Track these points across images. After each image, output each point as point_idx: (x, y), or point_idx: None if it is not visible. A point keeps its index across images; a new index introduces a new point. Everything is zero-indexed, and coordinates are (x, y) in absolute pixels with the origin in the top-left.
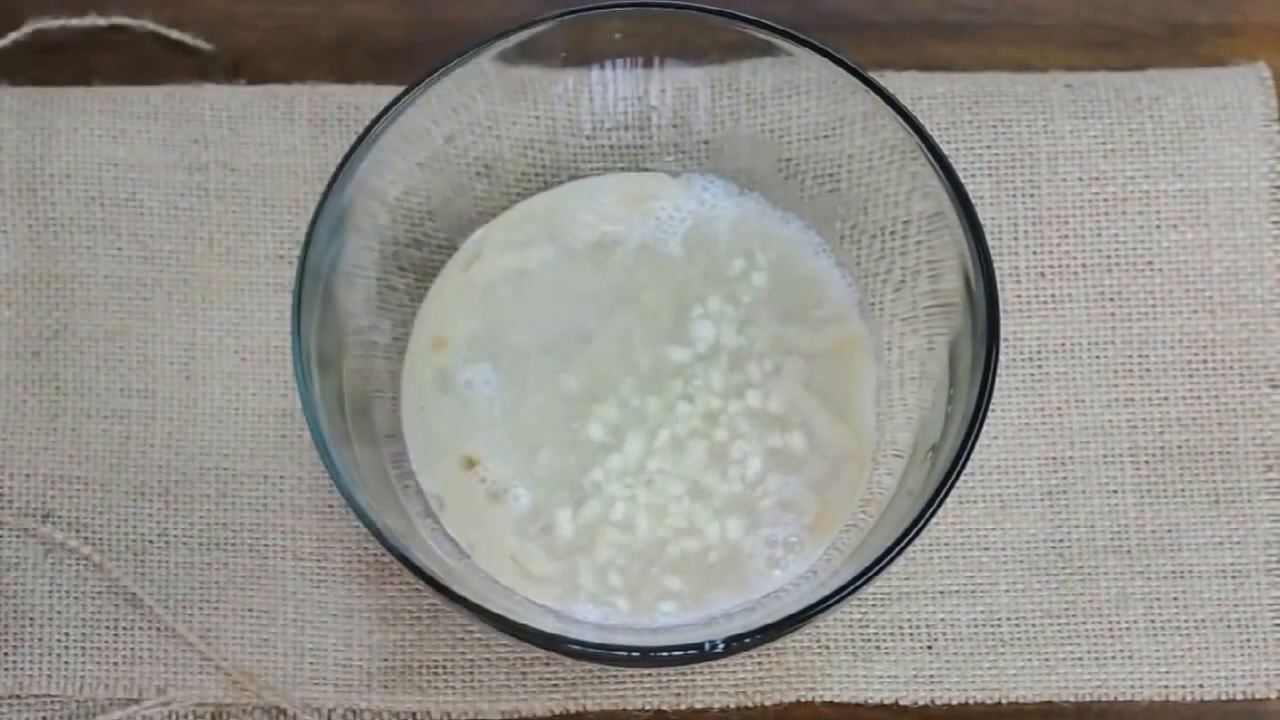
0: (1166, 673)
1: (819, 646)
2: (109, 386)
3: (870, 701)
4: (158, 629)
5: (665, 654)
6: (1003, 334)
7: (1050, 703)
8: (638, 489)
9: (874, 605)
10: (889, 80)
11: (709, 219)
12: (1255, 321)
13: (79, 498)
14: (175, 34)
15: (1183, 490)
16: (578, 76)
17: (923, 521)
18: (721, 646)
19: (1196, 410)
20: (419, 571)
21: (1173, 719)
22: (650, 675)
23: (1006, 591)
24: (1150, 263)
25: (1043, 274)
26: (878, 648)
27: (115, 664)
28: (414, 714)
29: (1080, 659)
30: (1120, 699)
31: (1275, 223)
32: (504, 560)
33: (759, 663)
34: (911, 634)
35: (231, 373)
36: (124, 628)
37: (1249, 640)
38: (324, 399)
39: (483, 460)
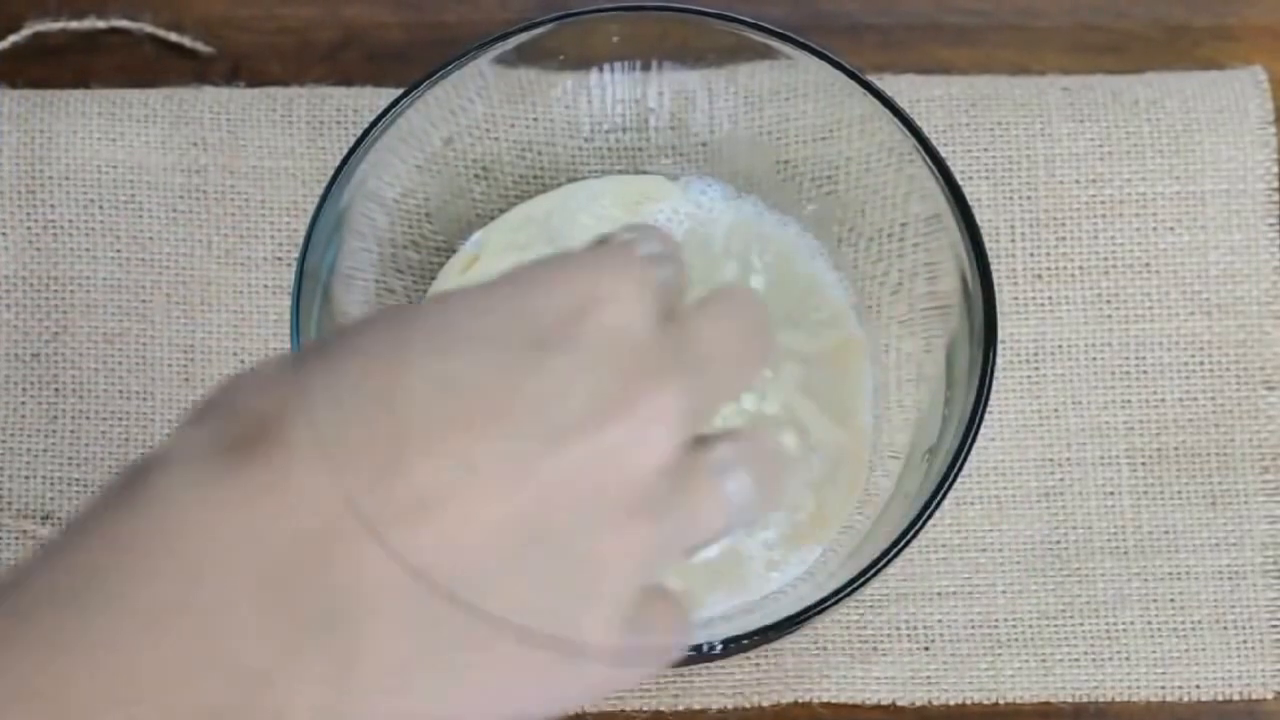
0: (1163, 673)
1: (816, 648)
2: (108, 389)
3: (868, 703)
4: None
5: None
6: (1000, 336)
7: (1047, 703)
8: None
9: (871, 606)
10: (886, 83)
11: (707, 221)
12: (1252, 323)
13: (78, 499)
14: (174, 37)
15: (1180, 492)
16: (576, 79)
17: (920, 523)
18: (719, 648)
19: (1193, 412)
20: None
21: None
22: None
23: (1004, 593)
24: (1147, 265)
25: (1040, 276)
26: (875, 649)
27: None
28: None
29: (1077, 660)
30: (1117, 700)
31: (1272, 225)
32: None
33: (756, 664)
34: (909, 635)
35: (230, 375)
36: None
37: (1245, 641)
38: None
39: None
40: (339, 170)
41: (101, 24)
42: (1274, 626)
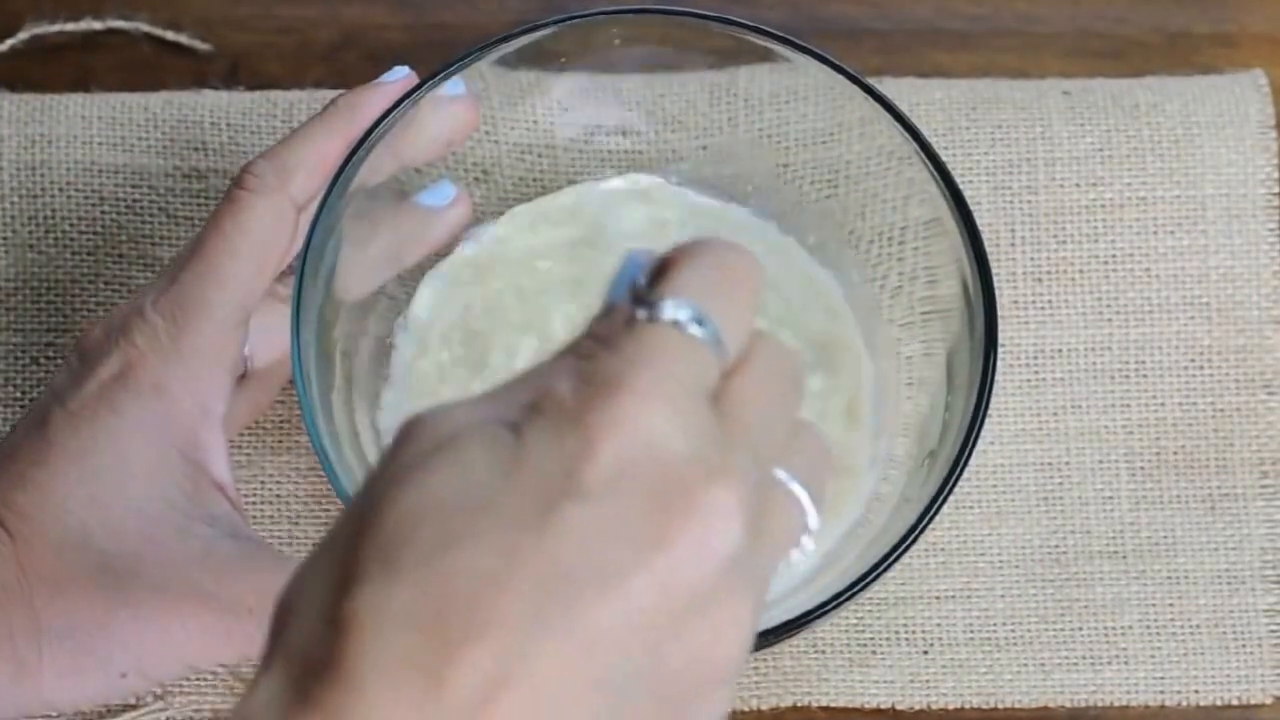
0: (1161, 678)
1: (815, 651)
2: None
3: (866, 706)
4: None
5: None
6: (999, 339)
7: (1045, 708)
8: None
9: (870, 610)
10: (887, 86)
11: (706, 224)
12: (1252, 328)
13: None
14: (171, 35)
15: (1178, 496)
16: (577, 81)
17: (920, 528)
18: None
19: (1193, 415)
20: None
21: None
22: None
23: (1002, 596)
24: (1147, 269)
25: (1040, 279)
26: (874, 652)
27: None
28: None
29: (1076, 664)
30: (1115, 704)
31: (1272, 229)
32: None
33: (755, 667)
34: (908, 639)
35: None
36: None
37: (1244, 646)
38: (323, 404)
39: None
40: (339, 172)
41: (98, 25)
42: (1272, 631)
